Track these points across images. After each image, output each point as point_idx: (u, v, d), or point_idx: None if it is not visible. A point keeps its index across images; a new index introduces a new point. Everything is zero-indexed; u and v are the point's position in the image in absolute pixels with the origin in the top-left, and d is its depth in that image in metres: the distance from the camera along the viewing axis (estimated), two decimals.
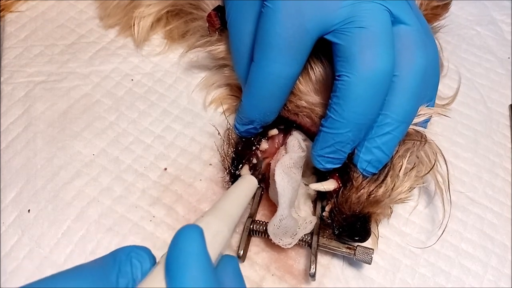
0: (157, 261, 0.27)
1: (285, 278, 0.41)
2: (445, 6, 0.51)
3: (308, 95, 0.39)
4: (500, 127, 0.55)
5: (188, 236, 0.25)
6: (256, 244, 0.42)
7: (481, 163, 0.51)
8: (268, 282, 0.41)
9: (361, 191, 0.38)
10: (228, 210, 0.32)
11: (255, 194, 0.42)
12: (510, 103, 0.57)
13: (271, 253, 0.42)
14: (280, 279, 0.41)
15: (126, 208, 0.43)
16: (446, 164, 0.42)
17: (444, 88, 0.56)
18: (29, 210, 0.41)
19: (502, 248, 0.46)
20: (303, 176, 0.42)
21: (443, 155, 0.42)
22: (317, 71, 0.39)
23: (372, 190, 0.38)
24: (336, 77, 0.35)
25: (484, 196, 0.49)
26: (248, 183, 0.39)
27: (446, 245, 0.45)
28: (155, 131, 0.48)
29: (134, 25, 0.51)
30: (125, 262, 0.25)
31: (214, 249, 0.28)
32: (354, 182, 0.38)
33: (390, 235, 0.45)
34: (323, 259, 0.42)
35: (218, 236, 0.29)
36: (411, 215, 0.46)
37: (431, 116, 0.42)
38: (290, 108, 0.40)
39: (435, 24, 0.53)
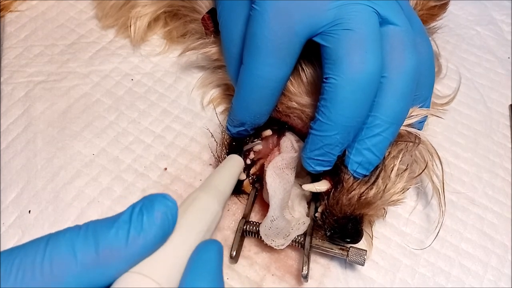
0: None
1: (285, 278, 0.41)
2: (443, 6, 0.51)
3: (299, 96, 0.39)
4: (500, 127, 0.55)
5: (210, 249, 0.25)
6: (256, 244, 0.42)
7: (481, 163, 0.51)
8: (268, 282, 0.41)
9: (352, 193, 0.38)
10: (219, 186, 0.33)
11: (249, 194, 0.42)
12: (510, 103, 0.57)
13: (271, 253, 0.42)
14: (280, 279, 0.41)
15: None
16: (441, 164, 0.42)
17: (444, 88, 0.56)
18: (29, 211, 0.41)
19: (502, 248, 0.46)
20: (298, 176, 0.42)
21: (438, 156, 0.42)
22: (308, 72, 0.39)
23: (363, 192, 0.38)
24: (324, 80, 0.34)
25: (484, 196, 0.49)
26: (235, 161, 0.39)
27: (446, 245, 0.45)
28: (155, 131, 0.48)
29: (130, 25, 0.52)
30: (128, 212, 0.24)
31: (206, 224, 0.28)
32: (344, 184, 0.38)
33: (390, 235, 0.45)
34: (323, 259, 0.42)
35: (210, 212, 0.29)
36: (411, 215, 0.46)
37: (426, 116, 0.42)
38: (281, 109, 0.40)
39: (432, 24, 0.53)
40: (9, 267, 0.21)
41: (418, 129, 0.41)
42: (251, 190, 0.43)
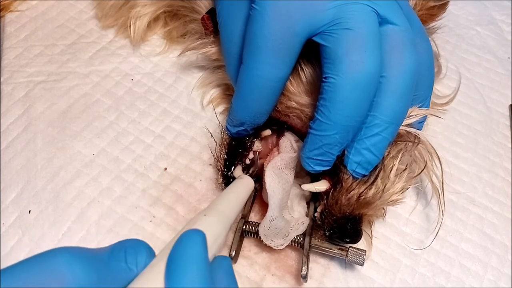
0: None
1: (285, 278, 0.41)
2: (442, 7, 0.51)
3: (298, 96, 0.39)
4: (500, 127, 0.55)
5: (191, 240, 0.25)
6: (256, 244, 0.42)
7: (481, 163, 0.51)
8: (268, 282, 0.41)
9: (351, 192, 0.38)
10: (226, 211, 0.32)
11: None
12: (510, 103, 0.57)
13: (271, 253, 0.42)
14: (280, 279, 0.41)
15: (126, 209, 0.43)
16: (441, 164, 0.42)
17: (444, 88, 0.56)
18: (29, 211, 0.41)
19: (502, 248, 0.46)
20: (298, 176, 0.42)
21: (438, 156, 0.42)
22: (307, 72, 0.39)
23: (362, 192, 0.38)
24: (323, 79, 0.34)
25: (484, 196, 0.49)
26: (245, 184, 0.39)
27: (446, 245, 0.45)
28: (155, 131, 0.48)
29: (130, 25, 0.52)
30: (119, 249, 0.25)
31: (213, 252, 0.28)
32: (343, 183, 0.38)
33: (390, 235, 0.45)
34: (323, 259, 0.42)
35: (218, 240, 0.29)
36: (411, 215, 0.46)
37: (426, 116, 0.42)
38: (280, 109, 0.40)
39: (431, 24, 0.53)
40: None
41: (418, 129, 0.41)
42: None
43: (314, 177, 0.41)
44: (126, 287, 0.24)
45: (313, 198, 0.43)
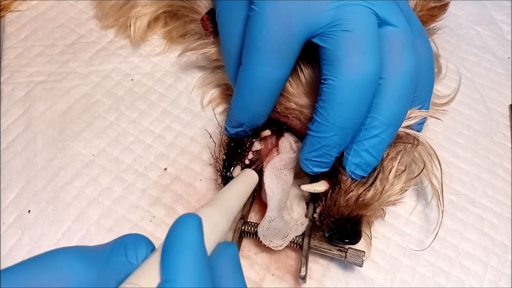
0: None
1: (285, 278, 0.41)
2: (443, 7, 0.51)
3: (297, 97, 0.39)
4: (500, 127, 0.55)
5: (186, 224, 0.24)
6: (256, 244, 0.42)
7: (481, 163, 0.51)
8: (268, 282, 0.41)
9: (350, 194, 0.38)
10: (228, 202, 0.32)
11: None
12: (510, 103, 0.57)
13: (271, 253, 0.42)
14: (280, 279, 0.41)
15: (126, 209, 0.43)
16: (440, 165, 0.42)
17: (444, 88, 0.56)
18: (29, 211, 0.41)
19: (502, 248, 0.46)
20: (297, 177, 0.42)
21: (437, 157, 0.42)
22: (306, 73, 0.39)
23: (361, 193, 0.38)
24: (322, 81, 0.34)
25: (484, 196, 0.49)
26: (249, 177, 0.39)
27: (446, 245, 0.45)
28: (155, 131, 0.48)
29: (130, 25, 0.52)
30: (119, 244, 0.25)
31: (212, 241, 0.28)
32: (342, 185, 0.38)
33: (390, 235, 0.45)
34: (323, 259, 0.42)
35: (217, 228, 0.29)
36: (411, 215, 0.46)
37: (425, 118, 0.42)
38: (279, 110, 0.40)
39: (432, 25, 0.53)
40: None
41: (417, 131, 0.41)
42: None
43: (314, 178, 0.41)
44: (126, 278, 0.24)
45: (313, 199, 0.43)
